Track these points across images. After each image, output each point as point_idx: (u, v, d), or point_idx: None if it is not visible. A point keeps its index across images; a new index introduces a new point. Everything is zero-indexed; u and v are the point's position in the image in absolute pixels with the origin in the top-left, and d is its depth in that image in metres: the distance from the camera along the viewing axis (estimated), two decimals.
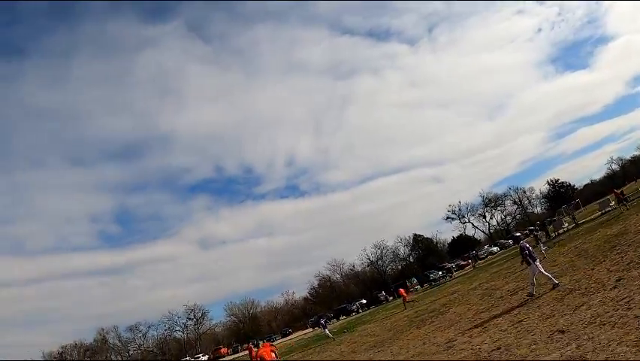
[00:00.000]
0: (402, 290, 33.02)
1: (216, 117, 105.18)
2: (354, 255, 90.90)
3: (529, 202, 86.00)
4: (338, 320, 51.30)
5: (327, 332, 26.59)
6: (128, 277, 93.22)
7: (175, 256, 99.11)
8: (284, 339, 55.73)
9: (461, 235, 79.18)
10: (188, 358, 62.57)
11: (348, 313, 54.02)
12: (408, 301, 29.44)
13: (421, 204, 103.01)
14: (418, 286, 50.64)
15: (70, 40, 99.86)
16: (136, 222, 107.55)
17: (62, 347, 68.10)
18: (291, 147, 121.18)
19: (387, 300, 52.87)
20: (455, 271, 49.53)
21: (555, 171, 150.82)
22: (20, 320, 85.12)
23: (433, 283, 45.49)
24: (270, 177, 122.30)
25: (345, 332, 27.38)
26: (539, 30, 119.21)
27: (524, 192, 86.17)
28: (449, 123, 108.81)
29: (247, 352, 33.79)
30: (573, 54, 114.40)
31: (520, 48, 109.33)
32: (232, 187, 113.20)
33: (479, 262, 49.01)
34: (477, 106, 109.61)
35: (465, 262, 52.76)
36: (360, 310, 53.41)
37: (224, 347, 64.70)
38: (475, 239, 79.10)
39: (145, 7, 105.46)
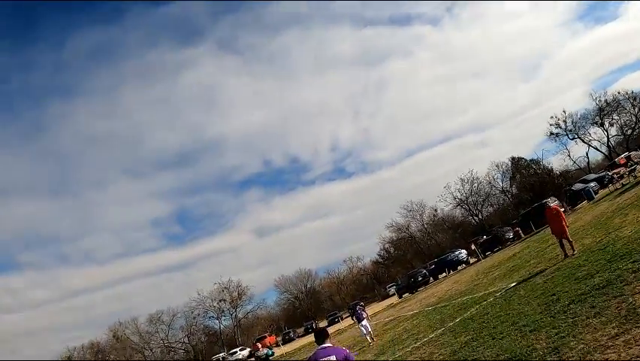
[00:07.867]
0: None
1: (260, 119, 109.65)
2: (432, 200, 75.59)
3: None
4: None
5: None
6: (192, 271, 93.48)
7: (234, 247, 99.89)
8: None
9: None
10: (222, 354, 44.93)
11: (454, 265, 33.40)
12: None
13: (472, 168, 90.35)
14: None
15: (115, 76, 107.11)
16: (195, 221, 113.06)
17: (70, 350, 54.93)
18: (333, 133, 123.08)
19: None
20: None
21: None
22: (96, 323, 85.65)
23: None
24: (316, 163, 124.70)
25: None
26: None
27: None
28: (486, 91, 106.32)
29: None
30: (601, 7, 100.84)
31: (546, 9, 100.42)
32: (281, 177, 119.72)
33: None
34: (511, 71, 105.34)
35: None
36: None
37: (270, 335, 46.02)
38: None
39: (177, 34, 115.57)
